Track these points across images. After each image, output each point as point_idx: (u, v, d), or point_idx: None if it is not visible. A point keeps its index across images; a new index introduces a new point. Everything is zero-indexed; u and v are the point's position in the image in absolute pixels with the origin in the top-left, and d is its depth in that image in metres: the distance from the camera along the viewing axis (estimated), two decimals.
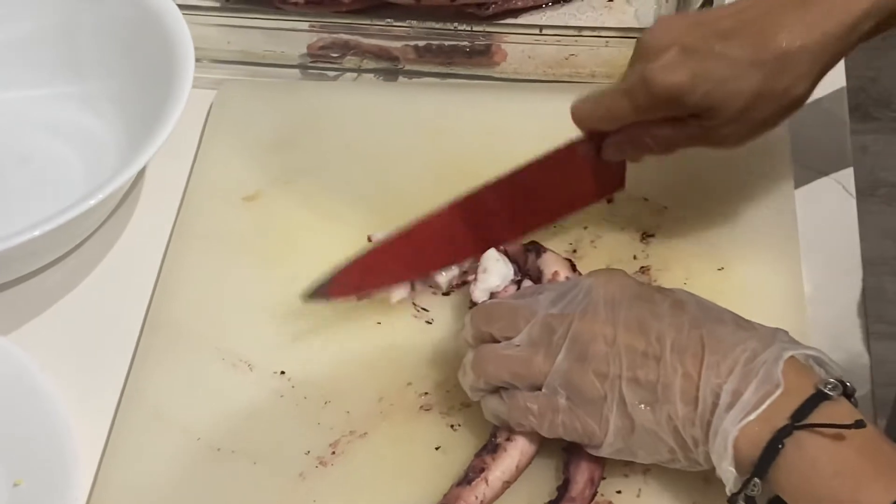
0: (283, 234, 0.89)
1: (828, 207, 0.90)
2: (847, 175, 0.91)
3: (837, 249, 0.88)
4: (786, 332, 0.69)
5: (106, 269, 0.89)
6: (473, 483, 0.71)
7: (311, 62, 1.00)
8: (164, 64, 0.90)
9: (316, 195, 0.91)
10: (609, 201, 0.88)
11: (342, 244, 0.87)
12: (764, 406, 0.64)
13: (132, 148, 0.91)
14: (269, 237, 0.89)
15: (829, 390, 0.65)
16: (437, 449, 0.77)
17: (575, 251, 0.86)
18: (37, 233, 0.79)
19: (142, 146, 0.85)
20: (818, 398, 0.65)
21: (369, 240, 0.87)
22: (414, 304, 0.84)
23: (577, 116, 0.80)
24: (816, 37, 0.72)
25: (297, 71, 1.01)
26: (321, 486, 0.75)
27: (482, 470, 0.72)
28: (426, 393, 0.79)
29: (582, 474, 0.72)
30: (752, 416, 0.64)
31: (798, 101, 0.75)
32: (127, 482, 0.76)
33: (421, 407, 0.79)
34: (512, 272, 0.81)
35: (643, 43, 0.75)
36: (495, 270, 0.82)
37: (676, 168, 0.88)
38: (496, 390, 0.73)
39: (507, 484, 0.72)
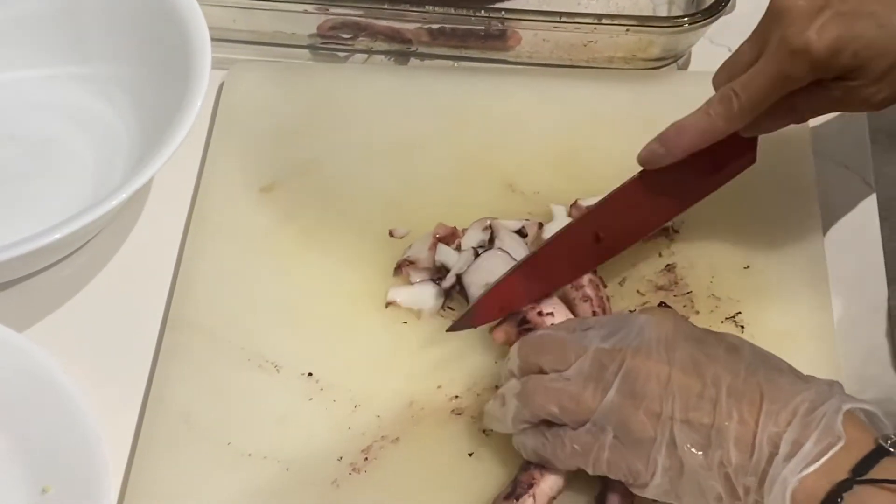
0: (303, 228, 0.87)
1: (847, 199, 0.90)
2: (866, 166, 0.91)
3: (860, 242, 0.88)
4: (840, 385, 0.69)
5: (119, 263, 0.87)
6: (521, 498, 0.71)
7: (321, 43, 0.98)
8: (176, 49, 0.87)
9: (333, 187, 0.89)
10: None
11: (364, 240, 0.86)
12: (825, 458, 0.63)
13: (145, 136, 0.90)
14: (289, 232, 0.87)
15: (890, 446, 0.64)
16: (470, 455, 0.76)
17: None
18: (57, 236, 0.77)
19: (159, 138, 0.83)
20: (879, 453, 0.64)
21: (391, 234, 0.87)
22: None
23: (727, 117, 0.75)
24: None
25: (306, 51, 0.99)
26: (355, 494, 0.75)
27: (531, 486, 0.71)
28: (456, 396, 0.79)
29: (619, 485, 0.72)
30: (812, 468, 0.63)
31: None
32: (157, 488, 0.76)
33: (452, 411, 0.78)
34: None
35: (779, 5, 0.72)
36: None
37: None
38: (537, 425, 0.72)
39: (552, 499, 0.72)
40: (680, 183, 0.80)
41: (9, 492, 0.76)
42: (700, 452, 0.67)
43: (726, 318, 0.82)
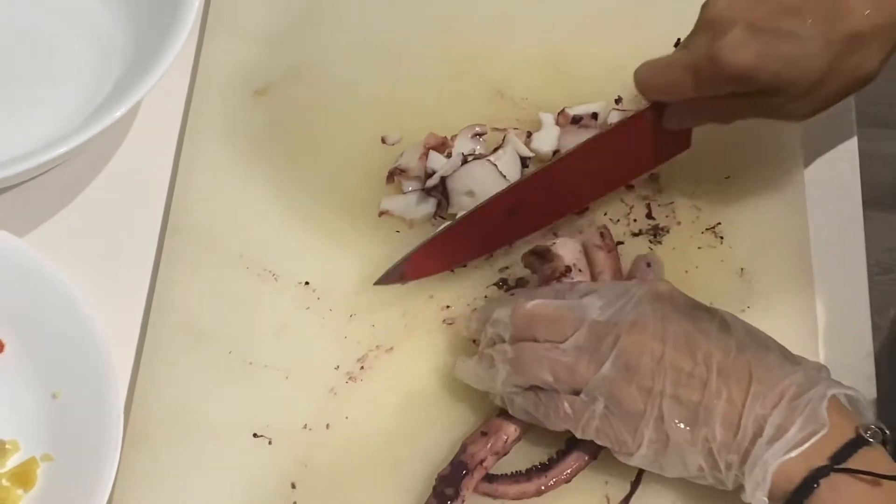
0: (297, 134, 0.89)
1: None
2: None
3: (836, 151, 0.91)
4: (827, 370, 0.71)
5: (116, 168, 0.89)
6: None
7: None
8: None
9: (326, 91, 0.91)
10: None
11: (356, 146, 0.89)
12: (807, 445, 0.66)
13: (138, 36, 0.90)
14: (283, 137, 0.89)
15: (870, 436, 0.67)
16: None
17: None
18: (62, 150, 0.79)
19: (155, 41, 0.85)
20: (858, 443, 0.67)
21: (383, 141, 0.88)
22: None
23: (641, 85, 0.78)
24: (887, 14, 0.71)
25: None
26: (352, 402, 0.79)
27: None
28: (448, 306, 0.82)
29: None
30: (794, 453, 0.66)
31: (867, 78, 0.74)
32: (163, 395, 0.79)
33: (444, 321, 0.82)
34: None
35: (707, 14, 0.74)
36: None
37: None
38: (527, 389, 0.73)
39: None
40: (618, 161, 0.82)
41: (22, 396, 0.79)
42: (686, 428, 0.69)
43: (707, 229, 0.86)
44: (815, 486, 0.66)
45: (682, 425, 0.69)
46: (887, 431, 0.67)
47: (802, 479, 0.66)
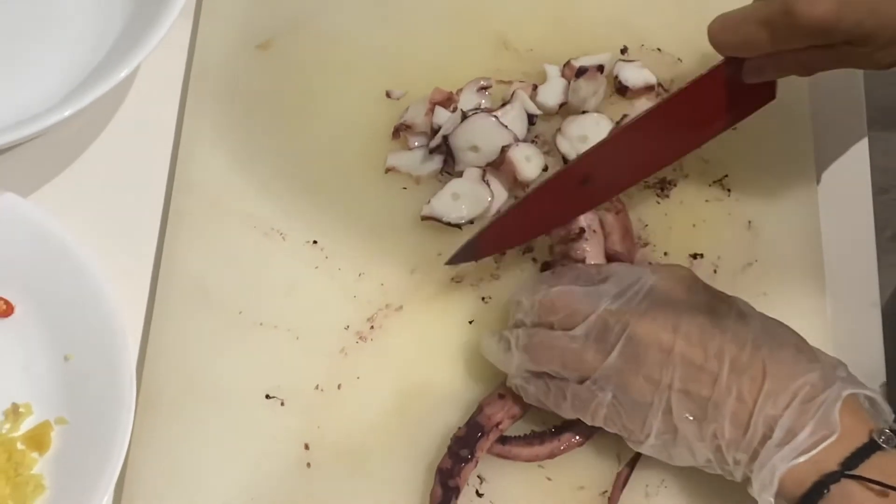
0: (301, 87, 0.88)
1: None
2: None
3: (844, 102, 0.90)
4: (845, 366, 0.70)
5: (119, 125, 0.88)
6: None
7: None
8: None
9: (329, 44, 0.90)
10: None
11: (361, 101, 0.88)
12: (817, 450, 0.65)
13: None
14: (287, 90, 0.88)
15: (883, 441, 0.65)
16: (470, 323, 0.80)
17: None
18: (67, 113, 0.78)
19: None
20: (871, 447, 0.65)
21: (388, 95, 0.88)
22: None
23: (715, 42, 0.74)
24: None
25: None
26: (363, 361, 0.79)
27: None
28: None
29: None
30: (802, 458, 0.65)
31: None
32: (174, 358, 0.79)
33: (452, 279, 0.82)
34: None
35: None
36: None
37: (690, 18, 0.88)
38: (540, 375, 0.73)
39: None
40: (699, 118, 0.78)
41: (34, 359, 0.79)
42: (695, 422, 0.68)
43: (714, 182, 0.85)
44: (826, 491, 0.64)
45: (690, 419, 0.68)
46: None
47: (812, 484, 0.65)
